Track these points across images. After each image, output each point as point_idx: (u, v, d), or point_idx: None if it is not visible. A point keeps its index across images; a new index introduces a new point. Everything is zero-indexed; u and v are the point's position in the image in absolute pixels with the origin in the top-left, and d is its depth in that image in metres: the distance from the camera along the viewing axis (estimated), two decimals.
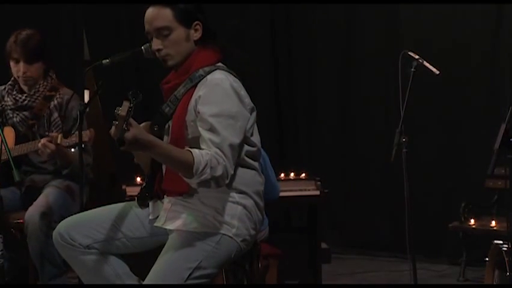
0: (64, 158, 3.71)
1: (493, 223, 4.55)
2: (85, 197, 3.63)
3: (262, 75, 5.52)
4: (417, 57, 3.90)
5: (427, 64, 3.90)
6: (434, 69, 3.91)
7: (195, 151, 2.61)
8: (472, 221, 4.64)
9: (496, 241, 3.55)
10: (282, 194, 4.14)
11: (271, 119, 5.57)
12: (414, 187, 4.10)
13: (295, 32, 5.65)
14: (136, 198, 2.90)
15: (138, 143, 2.50)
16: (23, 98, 3.92)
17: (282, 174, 4.46)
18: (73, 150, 3.66)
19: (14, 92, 3.95)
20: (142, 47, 2.86)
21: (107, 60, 2.93)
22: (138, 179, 4.22)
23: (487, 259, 3.59)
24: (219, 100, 2.70)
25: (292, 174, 4.48)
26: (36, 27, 3.97)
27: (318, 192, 4.27)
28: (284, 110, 5.70)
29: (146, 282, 2.70)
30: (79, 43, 5.17)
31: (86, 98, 4.46)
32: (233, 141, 2.67)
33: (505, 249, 3.44)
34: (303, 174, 4.47)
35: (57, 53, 4.86)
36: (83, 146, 3.33)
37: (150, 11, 2.79)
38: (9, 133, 3.84)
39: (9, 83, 3.98)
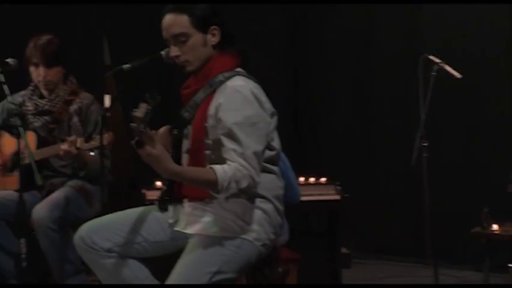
0: (81, 160, 3.74)
1: None
2: (105, 198, 3.65)
3: (280, 79, 5.52)
4: (438, 61, 3.88)
5: (448, 68, 3.88)
6: (455, 73, 3.89)
7: (217, 168, 2.61)
8: (495, 227, 4.58)
9: None
10: (302, 198, 4.12)
11: (289, 123, 5.56)
12: (436, 192, 4.07)
13: (314, 35, 5.64)
14: (156, 202, 2.91)
15: (158, 165, 2.54)
16: (44, 102, 3.95)
17: (302, 179, 4.44)
18: (91, 153, 3.68)
19: (35, 97, 3.98)
20: (162, 52, 2.87)
21: (128, 65, 2.95)
22: (158, 183, 4.23)
23: (511, 265, 3.55)
24: (240, 107, 2.70)
25: (312, 179, 4.47)
26: (57, 32, 4.01)
27: (338, 197, 4.26)
28: (303, 113, 5.68)
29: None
30: (99, 48, 5.20)
31: (107, 103, 4.48)
32: (256, 148, 2.67)
33: None
34: (323, 179, 4.45)
35: (78, 57, 4.89)
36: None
37: (167, 18, 2.80)
38: (30, 137, 3.87)
39: (30, 88, 4.02)
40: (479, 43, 5.09)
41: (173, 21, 2.78)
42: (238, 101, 2.70)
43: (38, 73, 3.89)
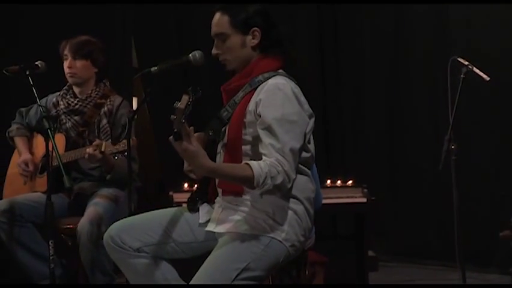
0: (107, 163, 3.76)
1: None
2: (133, 204, 3.67)
3: (309, 80, 5.50)
4: (466, 63, 3.85)
5: (477, 70, 3.86)
6: (484, 76, 3.86)
7: (254, 164, 2.63)
8: None
9: None
10: (329, 201, 4.13)
11: (318, 125, 5.52)
12: (464, 195, 4.04)
13: (343, 38, 5.63)
14: (186, 202, 2.92)
15: (194, 160, 2.55)
16: (75, 102, 4.00)
17: (329, 181, 4.44)
18: (116, 158, 3.69)
19: (68, 96, 4.04)
20: (190, 55, 2.89)
21: (156, 68, 2.97)
22: (185, 185, 4.25)
23: None
24: (280, 104, 2.72)
25: (339, 182, 4.46)
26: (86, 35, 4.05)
27: (365, 200, 4.24)
28: (331, 116, 5.67)
29: (194, 280, 2.71)
30: (127, 51, 5.23)
31: (134, 106, 4.51)
32: (294, 145, 2.69)
33: None
34: (350, 182, 4.44)
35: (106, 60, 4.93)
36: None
37: (214, 17, 2.86)
38: (59, 140, 3.90)
39: (65, 87, 4.08)
40: (508, 44, 5.04)
41: (217, 21, 2.84)
42: (278, 98, 2.73)
43: (66, 65, 3.95)
